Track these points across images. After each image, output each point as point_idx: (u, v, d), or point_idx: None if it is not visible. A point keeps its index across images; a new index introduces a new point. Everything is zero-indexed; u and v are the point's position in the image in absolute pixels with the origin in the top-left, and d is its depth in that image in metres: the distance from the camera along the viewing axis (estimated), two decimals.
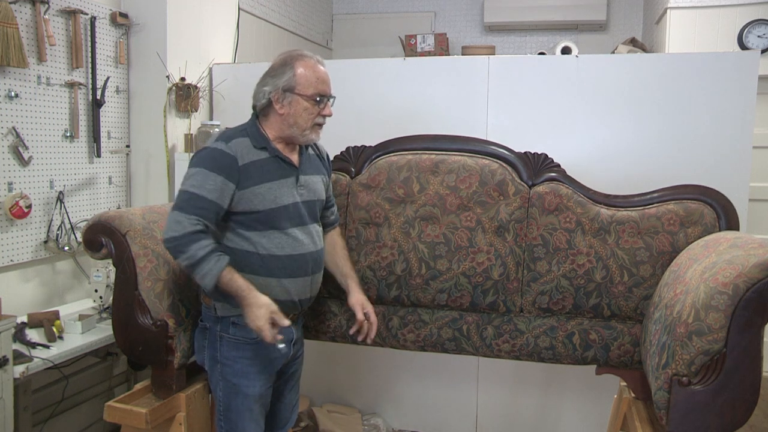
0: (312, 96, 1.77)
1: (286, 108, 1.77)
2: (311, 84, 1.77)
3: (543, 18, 4.86)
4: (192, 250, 1.65)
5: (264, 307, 1.67)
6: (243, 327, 1.78)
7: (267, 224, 1.77)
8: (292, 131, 1.80)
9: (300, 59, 1.78)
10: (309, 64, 1.78)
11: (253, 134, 1.78)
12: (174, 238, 1.66)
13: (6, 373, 1.88)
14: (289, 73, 1.76)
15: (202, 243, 1.67)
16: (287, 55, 1.81)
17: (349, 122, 2.87)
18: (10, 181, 2.38)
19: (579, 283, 2.01)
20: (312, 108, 1.78)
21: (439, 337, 2.14)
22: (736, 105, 2.50)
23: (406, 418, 3.07)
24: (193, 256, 1.66)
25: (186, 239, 1.65)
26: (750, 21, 3.71)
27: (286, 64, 1.78)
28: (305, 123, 1.79)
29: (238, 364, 1.81)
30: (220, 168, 1.70)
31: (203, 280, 1.68)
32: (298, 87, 1.76)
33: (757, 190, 3.71)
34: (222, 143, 1.73)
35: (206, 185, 1.68)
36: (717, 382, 1.50)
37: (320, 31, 5.16)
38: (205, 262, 1.66)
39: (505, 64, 2.77)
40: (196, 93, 3.02)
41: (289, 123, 1.78)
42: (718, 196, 1.98)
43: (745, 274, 1.48)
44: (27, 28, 2.41)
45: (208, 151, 1.73)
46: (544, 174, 2.08)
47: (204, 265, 1.66)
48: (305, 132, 1.80)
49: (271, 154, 1.78)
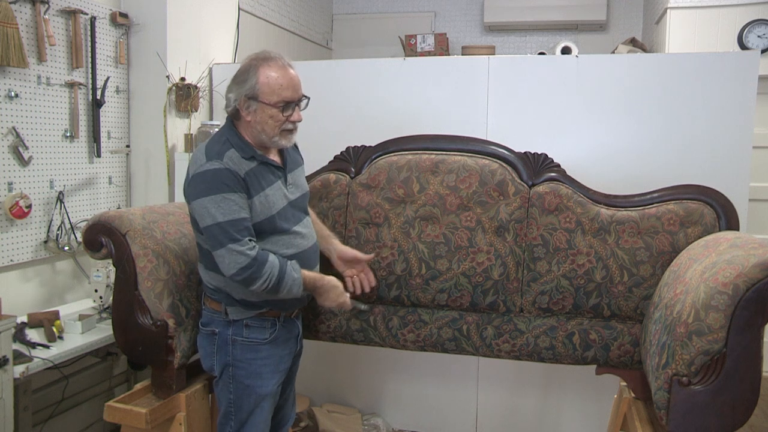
0: (276, 104, 1.71)
1: (252, 115, 1.72)
2: (274, 91, 1.69)
3: (543, 18, 4.86)
4: (266, 272, 1.67)
5: (335, 288, 1.85)
6: (257, 328, 1.81)
7: (268, 231, 1.76)
8: (261, 138, 1.75)
9: (263, 64, 1.71)
10: (273, 69, 1.70)
11: (237, 144, 1.73)
12: (243, 269, 1.65)
13: (6, 373, 1.88)
14: (252, 80, 1.70)
15: (270, 260, 1.69)
16: (251, 60, 1.74)
17: (349, 122, 2.87)
18: (10, 181, 2.38)
19: (579, 283, 2.01)
20: (277, 115, 1.72)
21: (439, 337, 2.14)
22: (736, 105, 2.50)
23: (406, 418, 3.07)
24: (270, 277, 1.68)
25: (255, 265, 1.66)
26: (750, 21, 3.71)
27: (250, 70, 1.71)
28: (272, 130, 1.73)
29: (252, 365, 1.81)
30: (231, 186, 1.66)
31: (290, 293, 1.73)
32: (262, 95, 1.70)
33: (757, 190, 3.71)
34: (217, 162, 1.67)
35: (232, 207, 1.65)
36: (717, 382, 1.50)
37: (320, 31, 5.16)
38: (284, 276, 1.70)
39: (505, 64, 2.77)
40: (196, 93, 3.02)
41: (257, 130, 1.74)
42: (718, 196, 1.98)
43: (745, 274, 1.48)
44: (27, 28, 2.41)
45: (211, 173, 1.66)
46: (544, 174, 2.08)
47: (286, 279, 1.71)
48: (274, 139, 1.75)
49: (260, 161, 1.76)
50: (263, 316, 1.81)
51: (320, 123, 2.72)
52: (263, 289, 1.68)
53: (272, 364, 1.84)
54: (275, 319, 1.83)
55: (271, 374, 1.83)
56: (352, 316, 2.19)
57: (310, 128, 2.10)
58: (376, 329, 2.18)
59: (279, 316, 1.84)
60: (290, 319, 1.89)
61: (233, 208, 1.65)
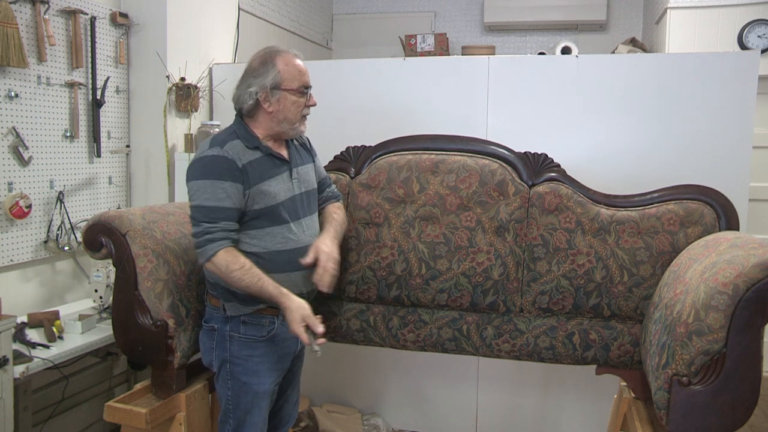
0: (298, 89, 1.80)
1: (275, 105, 1.79)
2: (295, 77, 1.79)
3: (543, 18, 4.86)
4: (216, 260, 1.71)
5: (296, 311, 1.73)
6: (254, 325, 1.81)
7: (269, 222, 1.78)
8: (281, 127, 1.82)
9: (278, 55, 1.80)
10: (288, 58, 1.80)
11: (242, 135, 1.79)
12: (200, 243, 1.72)
13: (6, 373, 1.88)
14: (272, 71, 1.77)
15: (220, 254, 1.71)
16: (265, 54, 1.82)
17: (349, 122, 2.87)
18: (10, 181, 2.38)
19: (579, 283, 2.01)
20: (299, 100, 1.81)
21: (439, 337, 2.14)
22: (736, 105, 2.50)
23: (406, 418, 3.07)
24: (219, 266, 1.72)
25: (209, 246, 1.71)
26: (750, 21, 3.71)
27: (267, 63, 1.79)
28: (294, 117, 1.82)
29: (249, 362, 1.81)
30: (225, 173, 1.71)
31: (245, 290, 1.75)
32: (285, 83, 1.78)
33: (757, 190, 3.71)
34: (217, 148, 1.73)
35: (219, 195, 1.70)
36: (717, 382, 1.50)
37: (320, 31, 5.16)
38: (229, 275, 1.71)
39: (505, 64, 2.77)
40: (196, 93, 3.02)
41: (278, 119, 1.80)
42: (718, 196, 1.98)
43: (745, 274, 1.48)
44: (27, 28, 2.41)
45: (208, 159, 1.73)
46: (544, 174, 2.08)
47: (232, 277, 1.71)
48: (295, 125, 1.83)
49: (264, 152, 1.80)
50: (261, 314, 1.81)
51: (320, 123, 2.71)
52: (215, 273, 1.73)
53: (269, 362, 1.83)
54: (274, 317, 1.83)
55: (268, 372, 1.83)
56: (352, 316, 2.19)
57: (310, 128, 2.09)
58: (376, 329, 2.18)
59: (278, 314, 1.83)
60: None
61: (220, 195, 1.70)
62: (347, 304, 2.19)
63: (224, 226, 1.71)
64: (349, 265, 2.14)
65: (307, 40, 4.84)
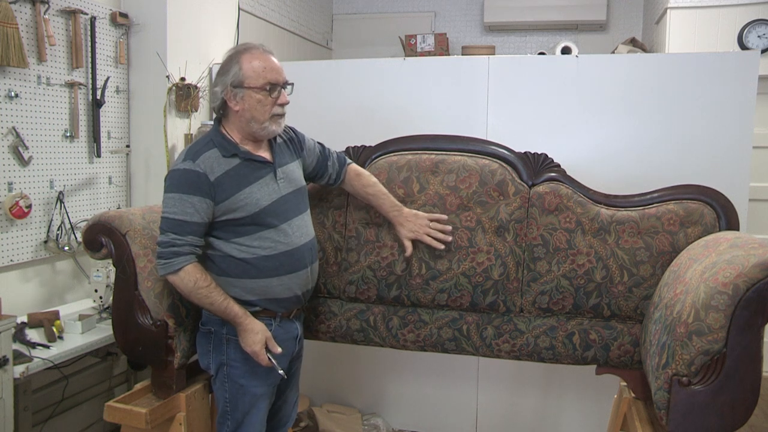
0: (262, 87, 1.73)
1: (240, 104, 1.74)
2: (259, 75, 1.73)
3: (543, 18, 4.86)
4: (179, 276, 1.71)
5: (259, 333, 1.74)
6: None
7: (255, 227, 1.76)
8: (251, 127, 1.77)
9: (244, 52, 1.76)
10: (254, 55, 1.75)
11: (219, 143, 1.75)
12: (160, 256, 1.72)
13: (6, 373, 1.88)
14: (234, 68, 1.73)
15: (184, 270, 1.71)
16: (233, 51, 1.79)
17: (349, 122, 2.87)
18: (10, 181, 2.38)
19: (579, 283, 2.01)
20: (265, 99, 1.74)
21: (439, 337, 2.14)
22: (736, 105, 2.50)
23: (406, 418, 3.07)
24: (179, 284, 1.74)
25: (172, 259, 1.70)
26: (750, 21, 3.71)
27: (231, 61, 1.76)
28: (262, 116, 1.75)
29: (246, 365, 1.80)
30: (194, 188, 1.69)
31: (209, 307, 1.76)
32: (247, 80, 1.72)
33: (757, 190, 3.71)
34: (189, 162, 1.70)
35: (187, 209, 1.69)
36: (717, 382, 1.50)
37: (320, 31, 5.16)
38: (190, 293, 1.73)
39: (505, 64, 2.77)
40: (196, 93, 3.02)
41: (246, 118, 1.75)
42: (718, 196, 1.98)
43: (745, 274, 1.48)
44: (27, 28, 2.41)
45: (179, 173, 1.71)
46: (544, 174, 2.08)
47: (191, 291, 1.73)
48: (264, 125, 1.77)
49: (243, 158, 1.76)
50: (258, 316, 1.79)
51: (320, 123, 2.72)
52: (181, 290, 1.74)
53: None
54: (271, 319, 1.82)
55: (265, 374, 1.82)
56: (352, 316, 2.19)
57: (310, 128, 2.10)
58: (376, 329, 2.18)
59: (275, 316, 1.83)
60: (288, 320, 1.88)
61: (188, 210, 1.69)
62: (347, 304, 2.19)
63: (190, 240, 1.70)
64: (349, 265, 2.14)
65: (307, 40, 4.84)
